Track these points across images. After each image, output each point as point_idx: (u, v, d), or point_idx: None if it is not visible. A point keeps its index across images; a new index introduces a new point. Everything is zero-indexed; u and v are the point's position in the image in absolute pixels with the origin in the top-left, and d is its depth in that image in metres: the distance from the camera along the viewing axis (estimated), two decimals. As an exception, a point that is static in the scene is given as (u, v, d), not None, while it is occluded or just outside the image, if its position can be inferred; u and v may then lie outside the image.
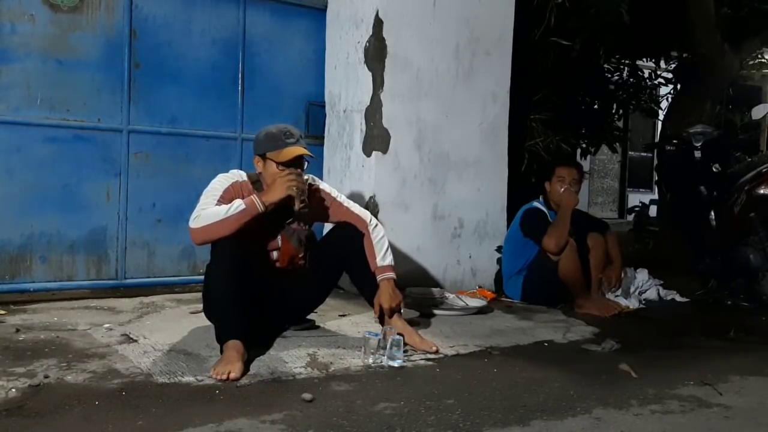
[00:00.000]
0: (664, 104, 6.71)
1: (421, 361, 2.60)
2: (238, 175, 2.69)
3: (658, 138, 7.68)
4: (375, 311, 2.78)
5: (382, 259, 2.77)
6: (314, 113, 4.19)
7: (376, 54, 3.88)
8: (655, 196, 7.67)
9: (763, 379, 2.57)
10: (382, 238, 2.81)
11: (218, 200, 2.55)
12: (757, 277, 4.14)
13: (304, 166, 2.71)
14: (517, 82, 4.40)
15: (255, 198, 2.52)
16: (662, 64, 6.55)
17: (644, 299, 4.11)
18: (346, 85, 4.07)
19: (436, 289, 3.81)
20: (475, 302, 3.62)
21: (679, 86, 6.31)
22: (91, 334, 2.77)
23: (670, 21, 5.44)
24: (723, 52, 5.48)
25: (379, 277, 2.75)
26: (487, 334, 3.08)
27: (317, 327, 3.00)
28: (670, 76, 6.49)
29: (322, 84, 4.21)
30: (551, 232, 3.70)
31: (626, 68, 6.17)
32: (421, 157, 4.03)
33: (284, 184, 2.55)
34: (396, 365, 2.49)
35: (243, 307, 2.47)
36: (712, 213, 4.47)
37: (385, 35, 3.87)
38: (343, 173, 4.09)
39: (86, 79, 3.47)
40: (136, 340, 2.68)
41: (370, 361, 2.51)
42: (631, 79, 6.22)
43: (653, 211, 7.06)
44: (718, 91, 6.25)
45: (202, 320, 2.82)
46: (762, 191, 4.20)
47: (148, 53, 3.63)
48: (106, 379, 2.21)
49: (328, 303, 3.11)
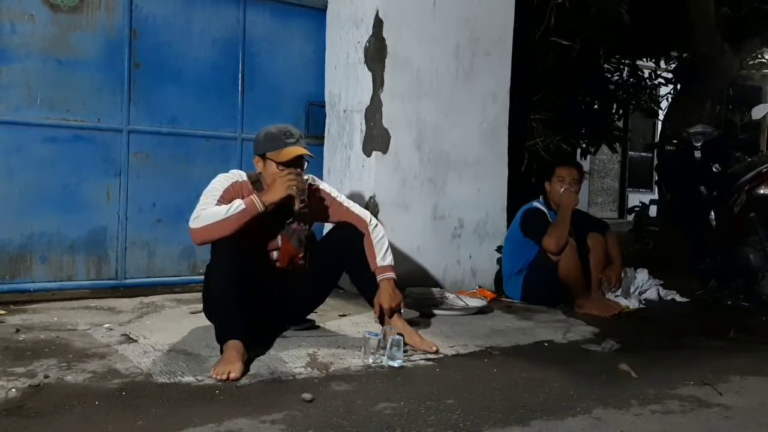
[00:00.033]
0: (664, 104, 6.72)
1: (421, 361, 2.60)
2: (238, 175, 2.69)
3: (658, 138, 7.67)
4: (375, 311, 2.78)
5: (382, 259, 2.77)
6: (314, 113, 4.19)
7: (376, 54, 3.88)
8: (655, 196, 7.67)
9: (763, 379, 2.57)
10: (382, 238, 2.81)
11: (218, 200, 2.55)
12: (757, 277, 4.14)
13: (304, 166, 2.71)
14: (517, 82, 4.40)
15: (255, 198, 2.52)
16: (662, 64, 6.55)
17: (644, 299, 4.10)
18: (346, 85, 4.07)
19: (436, 289, 3.81)
20: (475, 302, 3.62)
21: (679, 86, 6.31)
22: (91, 334, 2.77)
23: (670, 21, 5.44)
24: (723, 52, 5.49)
25: (379, 277, 2.76)
26: (487, 334, 3.08)
27: (317, 327, 3.00)
28: (670, 76, 6.49)
29: (322, 84, 4.22)
30: (551, 232, 3.70)
31: (626, 68, 6.17)
32: (421, 157, 4.03)
33: (284, 183, 2.55)
34: (396, 365, 2.49)
35: (243, 307, 2.47)
36: (712, 213, 4.47)
37: (385, 35, 3.87)
38: (343, 173, 4.09)
39: (86, 79, 3.47)
40: (136, 340, 2.68)
41: (370, 361, 2.51)
42: (631, 79, 6.22)
43: (653, 211, 7.05)
44: (718, 91, 6.26)
45: (202, 320, 2.82)
46: (762, 191, 4.20)
47: (148, 53, 3.63)
48: (106, 379, 2.21)
49: (328, 303, 3.12)
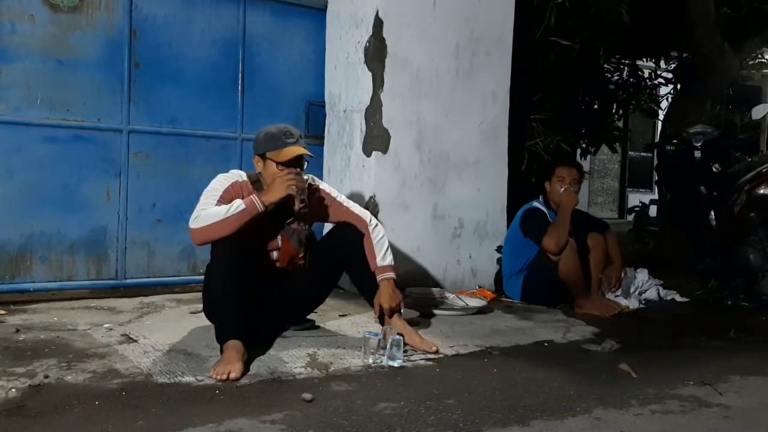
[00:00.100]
0: (664, 104, 6.71)
1: (421, 361, 2.60)
2: (238, 175, 2.69)
3: (658, 138, 7.67)
4: (375, 311, 2.78)
5: (382, 259, 2.77)
6: (314, 113, 4.19)
7: (376, 54, 3.88)
8: (655, 196, 7.66)
9: (763, 379, 2.57)
10: (382, 238, 2.81)
11: (218, 200, 2.55)
12: (757, 277, 4.14)
13: (304, 166, 2.71)
14: (517, 82, 4.40)
15: (255, 198, 2.52)
16: (662, 64, 6.55)
17: (644, 299, 4.10)
18: (346, 85, 4.07)
19: (436, 289, 3.81)
20: (475, 302, 3.62)
21: (679, 86, 6.31)
22: (91, 334, 2.77)
23: (670, 21, 5.44)
24: (723, 52, 5.48)
25: (379, 277, 2.75)
26: (487, 334, 3.08)
27: (317, 327, 3.00)
28: (670, 76, 6.49)
29: (322, 84, 4.22)
30: (551, 232, 3.70)
31: (626, 68, 6.17)
32: (421, 157, 4.03)
33: (284, 183, 2.55)
34: (396, 365, 2.49)
35: (243, 307, 2.47)
36: (712, 213, 4.48)
37: (385, 35, 3.87)
38: (343, 173, 4.09)
39: (86, 79, 3.47)
40: (136, 340, 2.68)
41: (370, 361, 2.51)
42: (631, 79, 6.22)
43: (653, 211, 7.05)
44: (718, 91, 6.26)
45: (202, 320, 2.82)
46: (762, 191, 4.20)
47: (148, 53, 3.63)
48: (106, 379, 2.21)
49: (328, 303, 3.12)
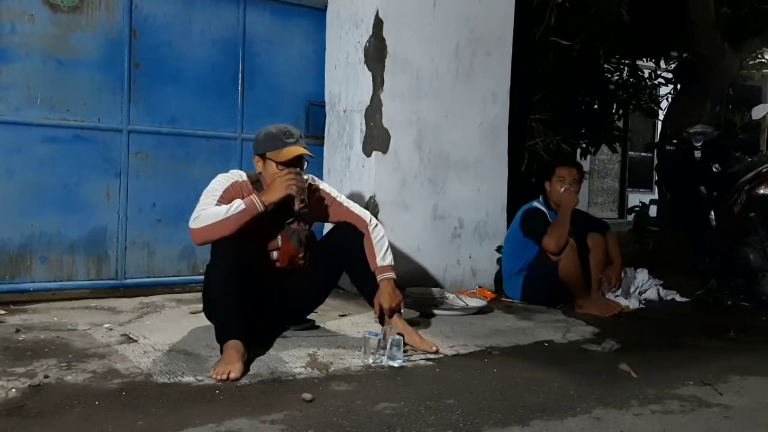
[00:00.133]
0: (664, 104, 6.72)
1: (421, 361, 2.60)
2: (238, 175, 2.69)
3: (658, 138, 7.67)
4: (375, 311, 2.78)
5: (382, 259, 2.77)
6: (314, 113, 4.19)
7: (376, 54, 3.88)
8: (655, 196, 7.67)
9: (763, 379, 2.57)
10: (382, 238, 2.81)
11: (218, 200, 2.55)
12: (757, 277, 4.14)
13: (304, 166, 2.71)
14: (517, 82, 4.40)
15: (255, 198, 2.52)
16: (662, 64, 6.55)
17: (644, 299, 4.10)
18: (346, 85, 4.07)
19: (436, 289, 3.81)
20: (475, 302, 3.62)
21: (679, 86, 6.31)
22: (91, 334, 2.77)
23: (670, 21, 5.44)
24: (723, 52, 5.49)
25: (379, 277, 2.75)
26: (487, 334, 3.08)
27: (317, 327, 3.00)
28: (670, 76, 6.49)
29: (322, 84, 4.22)
30: (551, 232, 3.70)
31: (626, 68, 6.17)
32: (421, 157, 4.03)
33: (284, 183, 2.55)
34: (396, 365, 2.49)
35: (243, 307, 2.47)
36: (712, 213, 4.48)
37: (385, 35, 3.87)
38: (343, 173, 4.09)
39: (86, 79, 3.47)
40: (136, 340, 2.68)
41: (370, 361, 2.51)
42: (631, 79, 6.22)
43: (653, 211, 7.05)
44: (718, 91, 6.25)
45: (202, 320, 2.82)
46: (762, 191, 4.20)
47: (148, 53, 3.63)
48: (106, 379, 2.21)
49: (328, 303, 3.11)
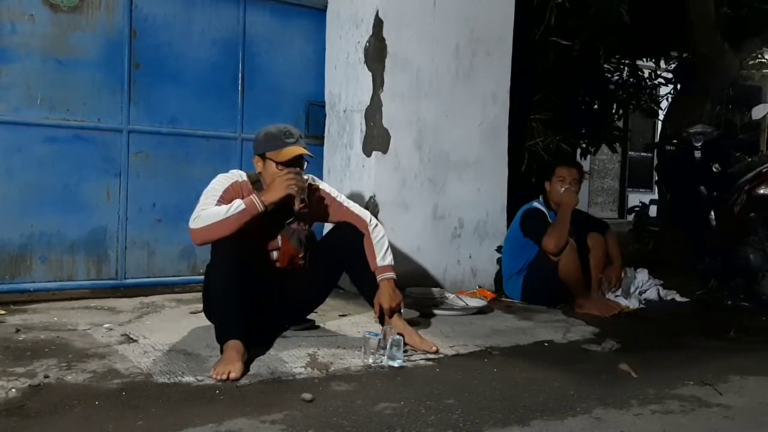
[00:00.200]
0: (664, 104, 6.71)
1: (421, 361, 2.60)
2: (238, 175, 2.69)
3: (658, 138, 7.67)
4: (375, 311, 2.78)
5: (382, 259, 2.77)
6: (314, 113, 4.19)
7: (376, 54, 3.88)
8: (655, 196, 7.67)
9: (763, 379, 2.57)
10: (382, 238, 2.81)
11: (218, 200, 2.55)
12: (757, 277, 4.14)
13: (304, 166, 2.71)
14: (517, 82, 4.40)
15: (255, 198, 2.52)
16: (662, 64, 6.55)
17: (644, 299, 4.10)
18: (346, 85, 4.07)
19: (436, 289, 3.81)
20: (475, 302, 3.62)
21: (679, 86, 6.31)
22: (91, 334, 2.77)
23: (670, 21, 5.44)
24: (723, 52, 5.48)
25: (379, 277, 2.75)
26: (487, 334, 3.08)
27: (317, 327, 3.00)
28: (670, 76, 6.49)
29: (322, 84, 4.22)
30: (551, 232, 3.70)
31: (626, 68, 6.17)
32: (421, 157, 4.03)
33: (284, 183, 2.55)
34: (396, 365, 2.49)
35: (243, 307, 2.47)
36: (712, 213, 4.47)
37: (385, 35, 3.87)
38: (343, 173, 4.09)
39: (86, 79, 3.47)
40: (136, 340, 2.68)
41: (370, 361, 2.51)
42: (631, 79, 6.22)
43: (653, 211, 7.05)
44: (718, 91, 6.25)
45: (202, 320, 2.82)
46: (762, 191, 4.20)
47: (148, 53, 3.63)
48: (106, 379, 2.21)
49: (328, 303, 3.11)
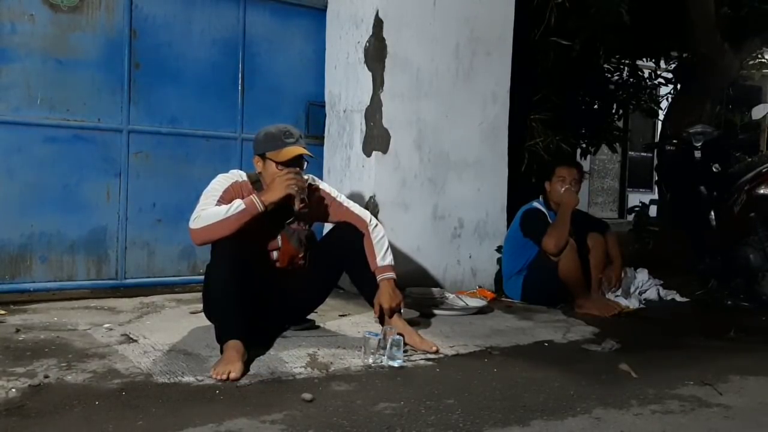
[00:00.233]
0: (664, 104, 6.71)
1: (421, 361, 2.60)
2: (238, 175, 2.70)
3: (658, 138, 7.67)
4: (375, 311, 2.78)
5: (382, 259, 2.77)
6: (314, 113, 4.19)
7: (376, 54, 3.88)
8: (655, 196, 7.67)
9: (763, 379, 2.57)
10: (382, 238, 2.81)
11: (218, 200, 2.55)
12: (757, 277, 4.14)
13: (304, 166, 2.71)
14: (517, 82, 4.40)
15: (255, 198, 2.52)
16: (662, 64, 6.55)
17: (644, 299, 4.10)
18: (346, 85, 4.07)
19: (436, 289, 3.81)
20: (475, 302, 3.62)
21: (679, 86, 6.31)
22: (91, 334, 2.77)
23: (670, 21, 5.44)
24: (723, 52, 5.48)
25: (379, 277, 2.75)
26: (487, 334, 3.08)
27: (317, 327, 3.00)
28: (670, 76, 6.49)
29: (322, 84, 4.22)
30: (551, 232, 3.70)
31: (626, 68, 6.17)
32: (421, 157, 4.03)
33: (284, 183, 2.55)
34: (396, 365, 2.49)
35: (243, 307, 2.47)
36: (712, 213, 4.47)
37: (385, 35, 3.87)
38: (343, 173, 4.09)
39: (86, 79, 3.47)
40: (136, 340, 2.68)
41: (370, 361, 2.51)
42: (631, 79, 6.22)
43: (653, 211, 7.05)
44: (718, 91, 6.25)
45: (202, 320, 2.82)
46: (762, 191, 4.20)
47: (148, 53, 3.63)
48: (106, 379, 2.21)
49: (328, 303, 3.11)
